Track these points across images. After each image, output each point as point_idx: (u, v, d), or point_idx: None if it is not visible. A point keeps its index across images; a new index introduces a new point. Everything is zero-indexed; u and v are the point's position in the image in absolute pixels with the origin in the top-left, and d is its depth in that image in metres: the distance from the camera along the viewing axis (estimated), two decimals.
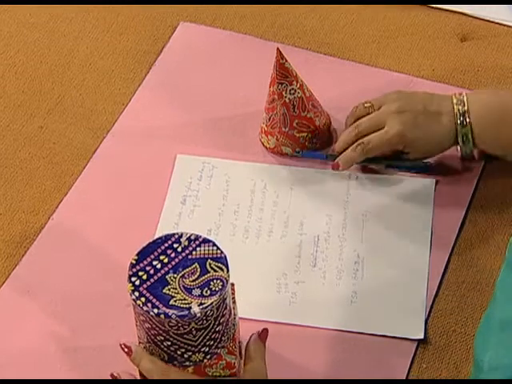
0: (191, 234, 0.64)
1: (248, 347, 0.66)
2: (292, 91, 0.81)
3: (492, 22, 0.97)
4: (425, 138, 0.80)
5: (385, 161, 0.84)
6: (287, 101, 0.81)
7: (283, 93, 0.81)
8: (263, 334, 0.67)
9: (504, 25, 0.97)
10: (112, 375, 0.66)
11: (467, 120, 0.78)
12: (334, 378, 0.72)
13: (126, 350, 0.65)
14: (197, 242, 0.64)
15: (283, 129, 0.83)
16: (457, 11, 0.98)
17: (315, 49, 0.94)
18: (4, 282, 0.78)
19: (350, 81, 0.91)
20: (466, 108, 0.79)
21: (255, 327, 0.69)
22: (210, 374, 0.65)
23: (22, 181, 0.85)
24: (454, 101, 0.80)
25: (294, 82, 0.81)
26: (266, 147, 0.85)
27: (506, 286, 0.66)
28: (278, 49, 0.80)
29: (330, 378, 0.72)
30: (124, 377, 0.65)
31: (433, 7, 0.98)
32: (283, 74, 0.81)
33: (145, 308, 0.61)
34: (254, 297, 0.75)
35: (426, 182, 0.84)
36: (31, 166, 0.86)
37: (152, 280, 0.62)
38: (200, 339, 0.62)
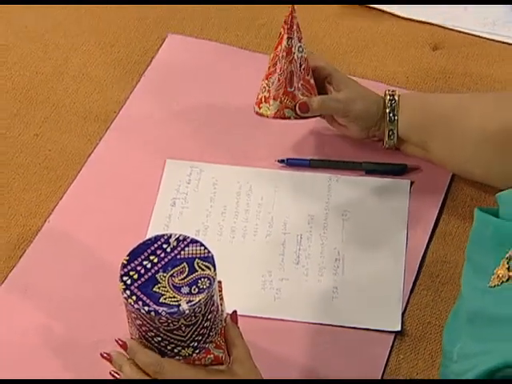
0: (180, 235, 0.64)
1: (227, 334, 0.64)
2: (300, 49, 0.78)
3: (461, 31, 0.97)
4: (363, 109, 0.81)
5: (365, 164, 0.83)
6: (296, 58, 0.77)
7: (292, 48, 0.77)
8: (234, 317, 0.66)
9: (472, 34, 0.97)
10: (101, 354, 0.65)
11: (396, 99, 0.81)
12: (318, 369, 0.71)
13: (120, 343, 0.64)
14: (185, 243, 0.63)
15: (289, 89, 0.78)
16: (428, 22, 0.98)
17: None
18: (3, 282, 0.77)
19: None
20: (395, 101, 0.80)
21: (242, 322, 0.68)
22: None
23: (19, 186, 0.84)
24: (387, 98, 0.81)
25: (302, 41, 0.78)
26: (267, 115, 0.80)
27: (469, 282, 0.66)
28: (292, 6, 0.76)
29: (313, 369, 0.71)
30: (116, 356, 0.64)
31: (405, 18, 0.98)
32: (294, 29, 0.77)
33: (136, 306, 0.60)
34: (241, 293, 0.74)
35: (401, 183, 0.83)
36: (28, 172, 0.85)
37: (143, 279, 0.61)
38: (189, 335, 0.61)
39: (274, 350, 0.72)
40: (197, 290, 0.61)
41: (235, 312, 0.66)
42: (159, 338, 0.61)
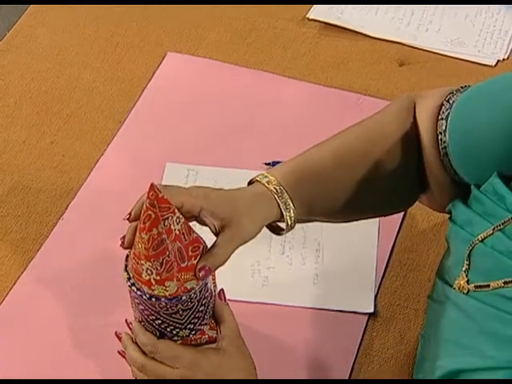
0: None
1: (216, 311, 0.62)
2: (178, 220, 0.56)
3: (424, 49, 0.96)
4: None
5: None
6: (177, 233, 0.56)
7: (171, 227, 0.56)
8: (221, 295, 0.63)
9: (434, 52, 0.96)
10: (116, 334, 0.64)
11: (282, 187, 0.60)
12: (301, 345, 0.71)
13: (129, 323, 0.63)
14: None
15: (182, 265, 0.57)
16: (395, 41, 0.97)
17: (280, 73, 0.93)
18: (23, 272, 0.76)
19: (310, 99, 0.90)
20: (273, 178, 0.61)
21: (234, 306, 0.66)
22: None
23: (37, 187, 0.83)
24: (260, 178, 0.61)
25: (176, 210, 0.56)
26: (165, 296, 0.57)
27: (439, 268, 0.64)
28: (151, 184, 0.55)
29: (297, 345, 0.71)
30: (124, 337, 0.62)
31: (375, 38, 0.97)
32: (165, 207, 0.55)
33: (138, 293, 0.58)
34: (233, 281, 0.73)
35: None
36: (44, 175, 0.84)
37: None
38: (186, 318, 0.60)
39: (262, 330, 0.71)
40: None
41: (222, 290, 0.63)
42: (159, 321, 0.60)
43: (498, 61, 0.95)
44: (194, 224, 0.59)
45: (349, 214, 0.66)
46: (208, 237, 0.60)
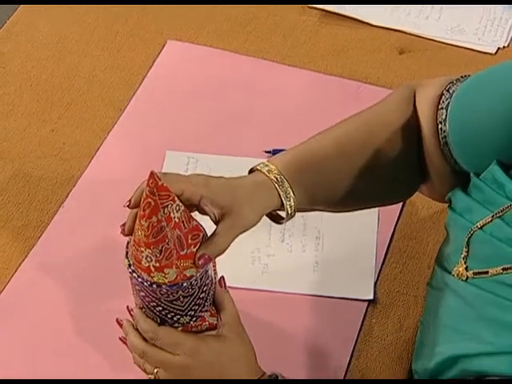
0: None
1: (216, 298, 0.61)
2: (177, 208, 0.56)
3: (424, 37, 0.96)
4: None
5: None
6: (177, 220, 0.56)
7: (171, 214, 0.56)
8: (222, 282, 0.63)
9: (434, 40, 0.95)
10: (117, 320, 0.63)
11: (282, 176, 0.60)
12: (302, 332, 0.71)
13: (130, 310, 0.63)
14: None
15: (181, 252, 0.57)
16: (396, 29, 0.96)
17: (280, 61, 0.92)
18: (24, 260, 0.76)
19: (310, 87, 0.89)
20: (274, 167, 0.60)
21: (234, 293, 0.66)
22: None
23: (38, 175, 0.83)
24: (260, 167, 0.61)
25: (176, 198, 0.56)
26: (165, 283, 0.57)
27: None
28: (151, 172, 0.55)
29: (297, 332, 0.71)
30: (125, 323, 0.62)
31: (376, 26, 0.96)
32: (165, 194, 0.55)
33: (139, 279, 0.58)
34: (233, 268, 0.73)
35: None
36: (45, 163, 0.84)
37: None
38: (187, 305, 0.60)
39: (263, 316, 0.71)
40: None
41: (222, 277, 0.63)
42: (160, 308, 0.60)
43: (499, 48, 0.95)
44: (195, 214, 0.59)
45: (349, 203, 0.66)
46: (208, 225, 0.60)
